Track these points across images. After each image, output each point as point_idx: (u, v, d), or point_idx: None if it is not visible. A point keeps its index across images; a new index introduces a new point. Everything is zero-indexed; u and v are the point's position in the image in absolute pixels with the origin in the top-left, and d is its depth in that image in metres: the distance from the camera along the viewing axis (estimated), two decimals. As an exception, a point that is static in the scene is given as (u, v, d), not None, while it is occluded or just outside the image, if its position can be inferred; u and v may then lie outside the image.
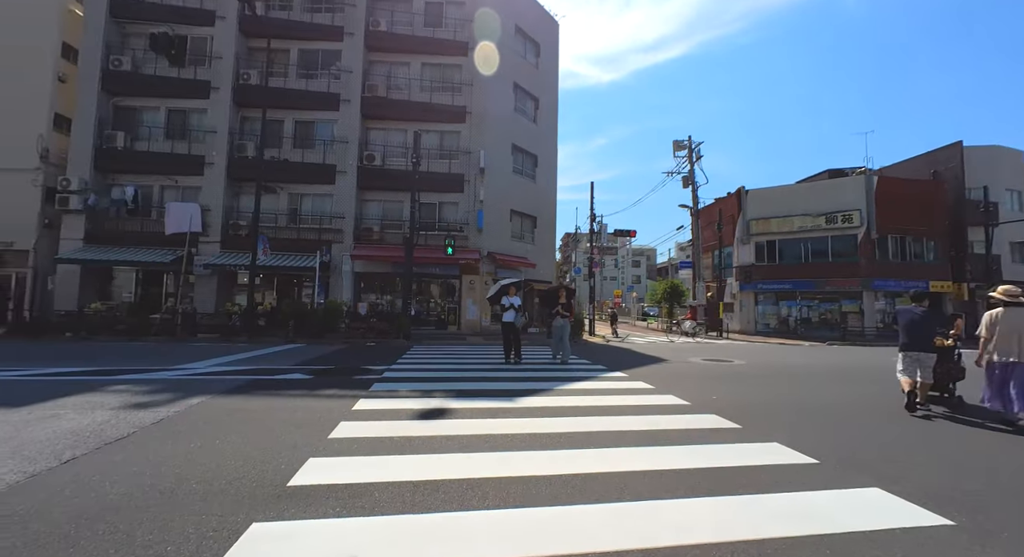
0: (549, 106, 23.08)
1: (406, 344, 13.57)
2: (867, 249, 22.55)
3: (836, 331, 22.70)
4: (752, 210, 25.74)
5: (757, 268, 25.11)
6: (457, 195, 18.74)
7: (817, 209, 23.69)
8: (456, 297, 18.86)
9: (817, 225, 23.63)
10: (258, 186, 14.08)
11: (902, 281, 22.61)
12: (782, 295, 24.80)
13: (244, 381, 6.43)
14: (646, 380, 7.25)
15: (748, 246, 25.84)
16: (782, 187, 25.62)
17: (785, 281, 24.28)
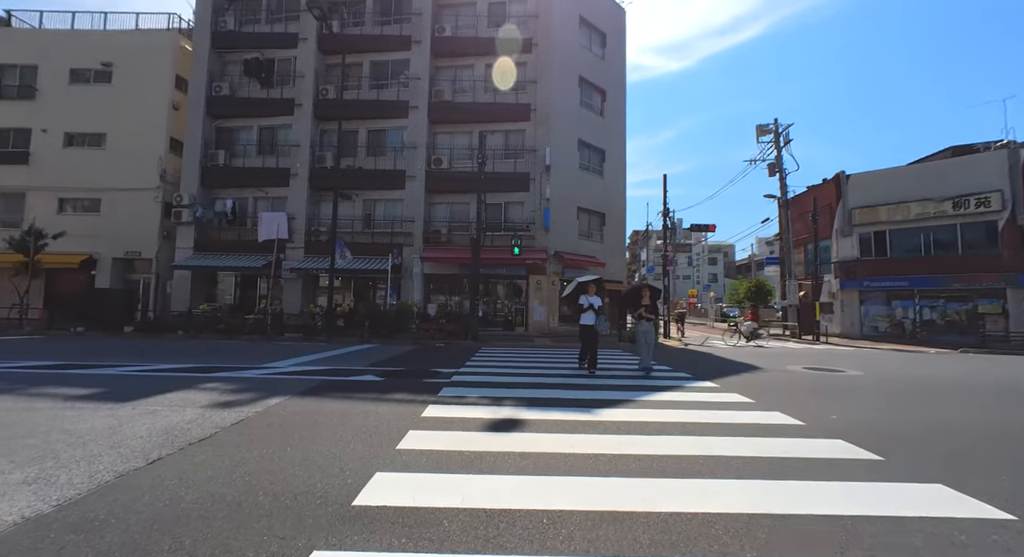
0: (616, 98, 22.07)
1: (474, 345, 13.50)
2: (1011, 238, 18.81)
3: (970, 336, 19.20)
4: (854, 197, 22.66)
5: (862, 263, 22.06)
6: (523, 194, 18.48)
7: (941, 193, 20.23)
8: (523, 298, 18.59)
9: (942, 211, 20.17)
10: (335, 194, 14.84)
11: (1061, 276, 18.57)
12: (896, 294, 21.52)
13: (320, 382, 6.56)
14: (742, 392, 6.34)
15: (850, 238, 22.77)
16: (893, 170, 22.23)
17: (899, 278, 21.03)
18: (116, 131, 19.16)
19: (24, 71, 19.81)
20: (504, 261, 17.33)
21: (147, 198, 18.65)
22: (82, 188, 19.12)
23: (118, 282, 18.93)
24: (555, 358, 10.56)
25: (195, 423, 4.24)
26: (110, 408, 4.75)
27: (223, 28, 19.59)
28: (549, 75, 18.70)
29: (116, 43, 19.69)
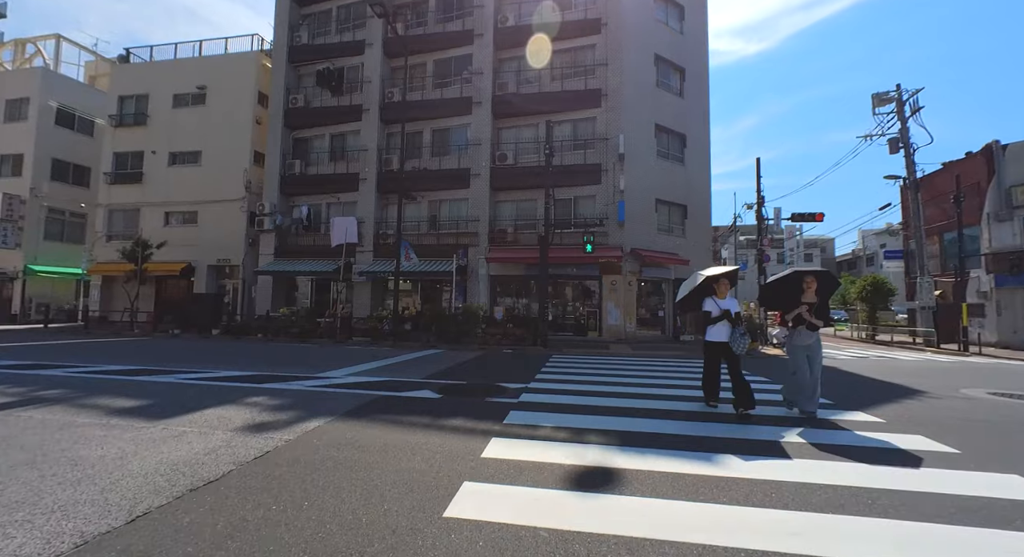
0: (697, 76, 19.75)
1: (544, 353, 12.33)
2: None
3: None
4: (1014, 172, 18.19)
5: (1012, 255, 17.58)
6: (594, 188, 16.99)
7: None
8: (596, 300, 17.06)
9: None
10: (400, 196, 14.49)
11: None
12: (1080, 292, 16.84)
13: (370, 398, 5.76)
14: (928, 434, 4.49)
15: (1009, 224, 18.31)
16: (1073, 134, 17.48)
17: (1086, 271, 16.41)
18: (210, 147, 20.74)
19: (139, 100, 22.21)
20: (575, 259, 15.98)
21: (235, 208, 19.92)
22: (183, 201, 20.93)
23: (212, 287, 20.42)
24: (639, 369, 9.03)
25: (213, 455, 3.51)
26: (139, 427, 4.23)
27: (298, 42, 20.44)
28: (620, 55, 17.04)
29: (208, 67, 21.38)
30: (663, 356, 12.12)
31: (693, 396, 6.15)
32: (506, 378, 7.64)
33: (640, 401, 5.85)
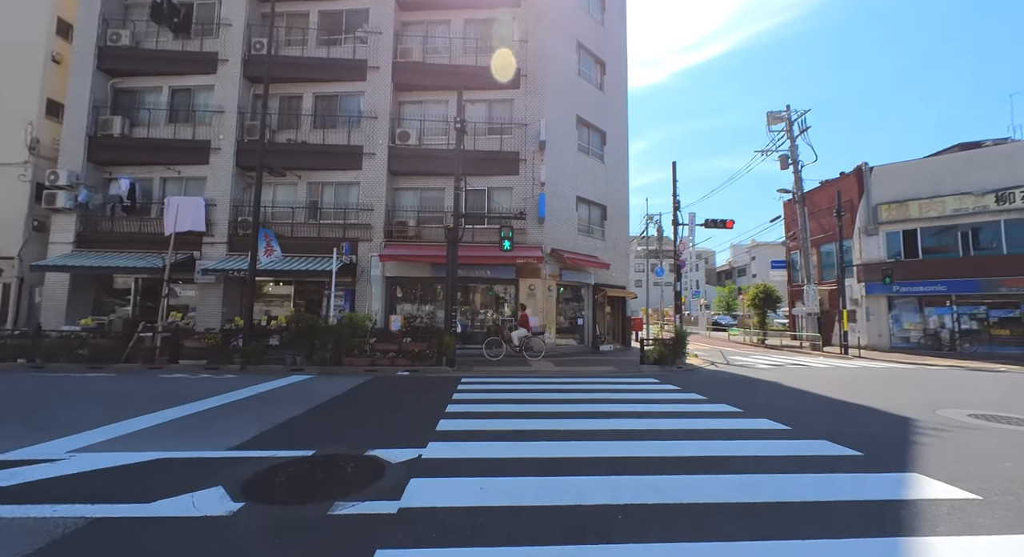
0: (617, 73, 18.90)
1: (450, 375, 9.71)
2: (1063, 236, 16.58)
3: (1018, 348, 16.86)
4: (880, 192, 20.22)
5: (890, 265, 19.52)
6: (511, 178, 14.88)
7: (981, 186, 17.92)
8: (513, 307, 14.87)
9: (982, 206, 17.84)
10: (259, 168, 10.78)
11: (1118, 279, 16.45)
12: (930, 300, 19.05)
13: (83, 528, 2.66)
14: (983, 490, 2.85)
15: (876, 237, 20.27)
16: (924, 160, 19.93)
17: (934, 281, 18.56)
18: (-31, 87, 14.43)
19: None
20: (489, 260, 13.66)
21: (10, 176, 13.99)
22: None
23: (-32, 289, 14.10)
24: (580, 397, 6.88)
25: None
26: None
27: (125, -39, 15.27)
28: (542, 34, 15.28)
29: (-23, -26, 15.01)
30: (595, 374, 10.26)
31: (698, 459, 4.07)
32: (389, 433, 4.90)
33: (621, 481, 3.56)
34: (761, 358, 15.88)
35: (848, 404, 6.89)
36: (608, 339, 17.86)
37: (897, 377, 10.64)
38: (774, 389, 8.42)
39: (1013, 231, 17.44)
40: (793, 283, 25.71)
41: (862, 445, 4.46)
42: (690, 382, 9.10)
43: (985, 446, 4.64)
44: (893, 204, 19.75)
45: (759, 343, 24.37)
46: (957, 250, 18.48)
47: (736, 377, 10.28)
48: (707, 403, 6.71)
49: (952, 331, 18.47)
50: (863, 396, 7.58)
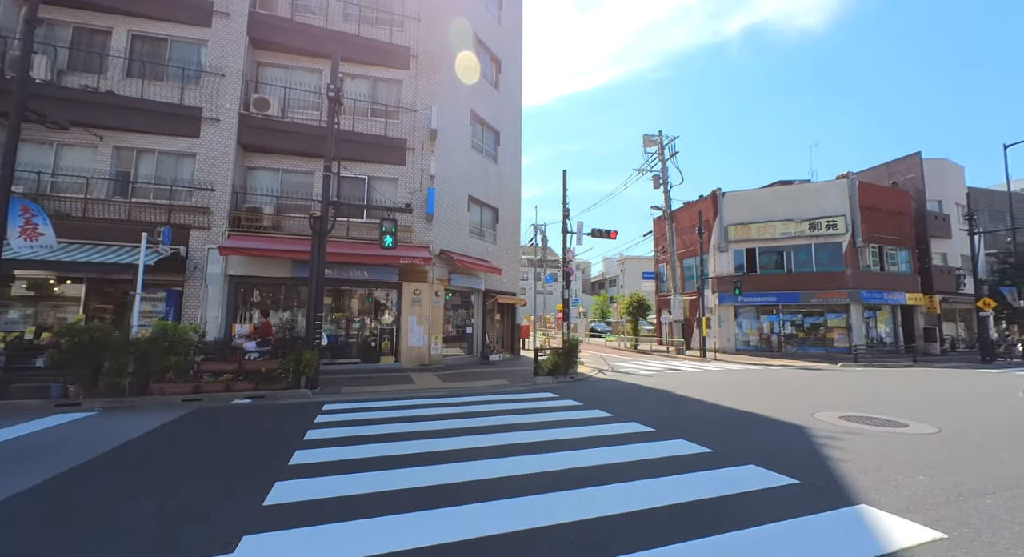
0: (512, 75, 18.47)
1: (310, 400, 7.69)
2: (852, 258, 20.81)
3: (820, 348, 20.64)
4: (730, 215, 23.22)
5: (736, 279, 22.46)
6: (396, 169, 13.15)
7: (800, 215, 21.67)
8: (393, 314, 13.05)
9: (801, 232, 21.56)
10: (15, 111, 7.36)
11: (883, 292, 21.19)
12: (764, 309, 22.32)
13: None
14: None
15: (726, 254, 23.19)
16: (762, 190, 23.46)
17: (767, 293, 21.81)
18: None
19: None
20: (367, 260, 11.73)
21: None
22: None
23: None
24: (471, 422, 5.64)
25: None
26: None
27: None
28: (437, 13, 13.98)
29: None
30: (488, 389, 9.14)
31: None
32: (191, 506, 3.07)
33: None
34: (640, 363, 16.59)
35: (746, 414, 6.87)
36: (497, 348, 17.05)
37: (759, 379, 11.64)
38: (670, 399, 8.27)
39: (820, 253, 21.38)
40: (660, 293, 28.28)
41: (790, 468, 4.06)
42: (589, 395, 8.55)
43: (884, 455, 4.64)
44: (739, 225, 22.83)
45: (632, 348, 26.11)
46: (783, 267, 22.02)
47: (628, 386, 10.12)
48: (615, 422, 6.06)
49: (779, 335, 21.89)
50: (752, 402, 7.77)
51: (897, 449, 4.84)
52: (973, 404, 7.81)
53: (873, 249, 21.62)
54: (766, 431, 5.64)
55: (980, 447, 4.92)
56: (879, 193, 22.32)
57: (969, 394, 8.98)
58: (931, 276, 23.07)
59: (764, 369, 14.86)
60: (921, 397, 8.59)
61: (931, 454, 4.67)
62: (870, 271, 21.25)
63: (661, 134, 23.71)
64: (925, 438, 5.33)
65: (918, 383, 10.97)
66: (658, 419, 6.21)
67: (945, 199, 24.63)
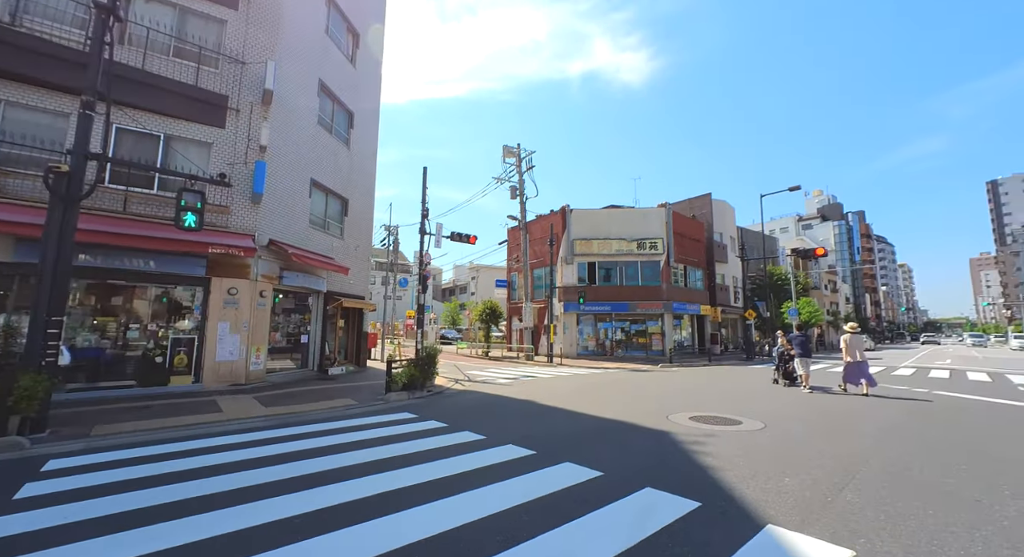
0: (372, 53, 16.60)
1: (25, 454, 4.91)
2: (667, 275, 24.62)
3: (641, 351, 23.81)
4: (576, 230, 25.21)
5: (580, 289, 24.42)
6: (211, 131, 10.16)
7: (631, 235, 24.77)
8: (196, 319, 9.91)
9: (631, 250, 24.63)
10: None
11: (686, 304, 25.61)
12: (600, 317, 24.73)
13: None
14: None
15: (572, 266, 25.05)
16: (602, 210, 26.11)
17: (604, 303, 24.24)
18: None
19: None
20: (158, 244, 8.61)
21: None
22: None
23: None
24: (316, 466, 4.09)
25: None
26: None
27: None
28: (281, -46, 11.48)
29: None
30: (326, 413, 7.36)
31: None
32: None
33: None
34: (495, 371, 16.32)
35: (614, 423, 6.78)
36: (340, 360, 14.74)
37: (606, 382, 12.34)
38: (537, 412, 7.85)
39: (644, 269, 24.76)
40: (512, 301, 29.09)
41: (684, 487, 3.80)
42: (452, 412, 7.58)
43: (745, 456, 4.84)
44: (584, 240, 24.95)
45: (484, 355, 26.04)
46: (617, 280, 24.82)
47: (491, 399, 9.49)
48: (492, 447, 5.23)
49: (612, 340, 24.50)
50: (613, 408, 7.86)
51: (750, 449, 5.17)
52: (769, 397, 9.41)
53: (680, 268, 26.06)
54: (640, 442, 5.53)
55: (802, 441, 5.60)
56: (685, 222, 27.11)
57: (757, 388, 10.94)
58: (715, 292, 28.97)
59: (604, 372, 16.10)
60: (730, 392, 10.08)
61: (775, 452, 5.08)
62: (678, 286, 25.49)
63: (520, 147, 24.44)
64: (760, 435, 5.90)
65: (720, 379, 13.10)
66: (535, 438, 5.62)
67: (724, 232, 31.36)
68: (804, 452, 5.04)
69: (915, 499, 3.63)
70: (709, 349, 25.89)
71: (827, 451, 5.12)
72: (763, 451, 5.09)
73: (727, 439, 5.63)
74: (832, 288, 54.30)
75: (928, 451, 5.21)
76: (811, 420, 6.95)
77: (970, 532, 3.06)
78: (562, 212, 25.68)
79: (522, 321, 24.23)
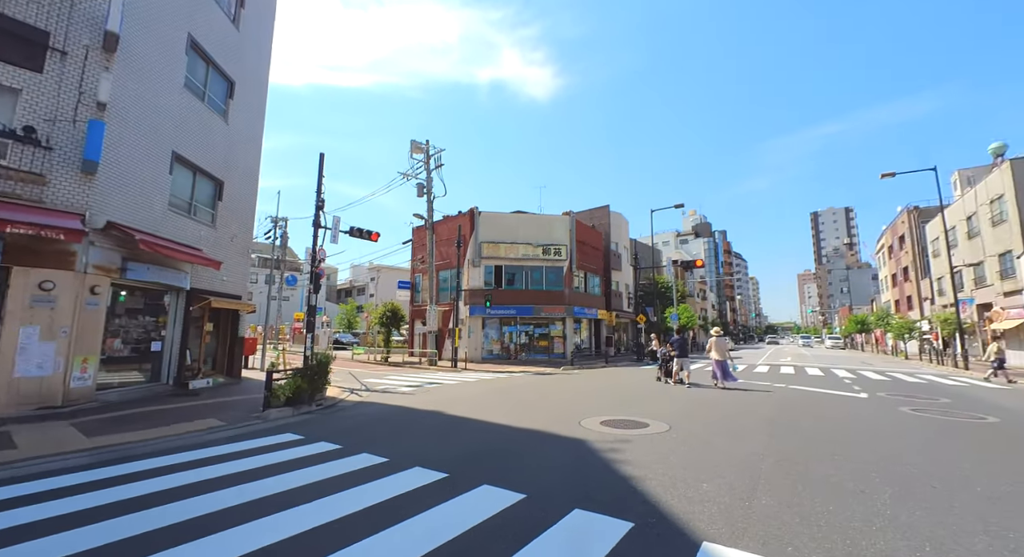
0: (260, 14, 14.47)
1: None
2: (569, 280, 25.58)
3: (543, 355, 24.38)
4: (485, 232, 24.96)
5: (487, 292, 24.18)
6: (19, 73, 7.73)
7: (537, 240, 25.26)
8: (-18, 323, 7.36)
9: (537, 255, 25.10)
10: None
11: (585, 308, 26.88)
12: (506, 320, 24.74)
13: None
14: None
15: (479, 269, 24.71)
16: (511, 214, 26.20)
17: (510, 306, 24.31)
18: None
19: None
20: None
21: None
22: None
23: None
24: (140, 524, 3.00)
25: None
26: None
27: None
28: None
29: None
30: (179, 443, 5.87)
31: None
32: None
33: None
34: (397, 378, 15.21)
35: (529, 433, 6.44)
36: (206, 371, 12.39)
37: (514, 386, 12.10)
38: (447, 424, 7.22)
39: (549, 274, 25.42)
40: (415, 303, 27.79)
41: (612, 505, 3.55)
42: (348, 430, 6.61)
43: (661, 462, 4.81)
44: (492, 243, 24.79)
45: (383, 360, 24.36)
46: (522, 284, 25.08)
47: (394, 411, 8.59)
48: (396, 472, 4.50)
49: (516, 344, 24.66)
50: (524, 415, 7.55)
51: (663, 454, 5.19)
52: (663, 396, 9.98)
53: (581, 274, 27.30)
54: (559, 455, 5.25)
55: (705, 441, 5.83)
56: (587, 231, 28.53)
57: (650, 386, 11.63)
58: (611, 298, 30.96)
59: (511, 376, 15.97)
60: (629, 392, 10.52)
61: (686, 456, 5.17)
62: (579, 292, 26.65)
63: (429, 143, 23.49)
64: (668, 438, 6.04)
65: (618, 379, 13.74)
66: (447, 457, 5.02)
67: (619, 242, 33.75)
68: (709, 454, 5.20)
69: (816, 496, 3.83)
70: (605, 351, 27.47)
71: (727, 450, 5.36)
72: (675, 455, 5.15)
73: (640, 444, 5.63)
74: (703, 296, 62.01)
75: (805, 442, 5.76)
76: (705, 419, 7.40)
77: (868, 525, 3.24)
78: (471, 214, 25.25)
79: (426, 324, 23.20)
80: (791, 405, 9.00)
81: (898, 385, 12.92)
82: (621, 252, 33.51)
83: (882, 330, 41.58)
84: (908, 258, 39.29)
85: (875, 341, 47.24)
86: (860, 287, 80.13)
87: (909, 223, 38.73)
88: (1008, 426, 7.07)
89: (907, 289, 40.08)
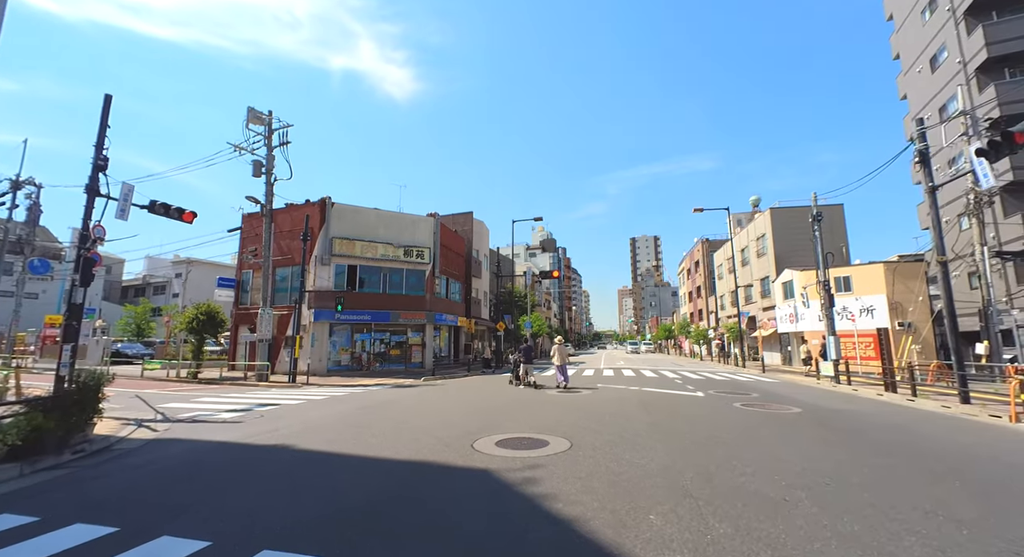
0: None
1: None
2: (431, 285, 24.30)
3: (401, 364, 22.58)
4: (337, 227, 21.98)
5: (337, 295, 21.22)
6: None
7: (399, 240, 23.38)
8: None
9: (397, 256, 23.19)
10: None
11: (446, 315, 25.91)
12: (358, 327, 22.10)
13: None
14: None
15: (328, 267, 21.59)
16: (369, 209, 23.65)
17: (364, 311, 21.82)
18: None
19: None
20: None
21: None
22: None
23: None
24: None
25: None
26: None
27: None
28: None
29: None
30: None
31: None
32: None
33: None
34: (213, 401, 11.81)
35: (418, 467, 5.13)
36: None
37: (375, 404, 10.33)
38: (302, 467, 5.38)
39: (410, 277, 23.71)
40: (242, 305, 22.85)
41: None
42: (125, 497, 4.30)
43: (589, 491, 4.15)
44: (345, 240, 21.95)
45: (192, 377, 19.14)
46: (380, 287, 22.82)
47: (212, 451, 6.20)
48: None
49: (370, 353, 22.19)
50: (406, 445, 6.17)
51: (583, 479, 4.57)
52: (539, 406, 9.66)
53: (443, 279, 26.27)
54: (467, 499, 4.14)
55: (616, 458, 5.45)
56: (451, 236, 27.70)
57: (516, 394, 11.32)
58: (471, 305, 30.65)
59: (367, 391, 14.00)
60: (503, 402, 9.98)
61: (607, 478, 4.66)
62: (441, 297, 25.55)
63: (272, 115, 19.70)
64: (577, 457, 5.50)
65: (488, 390, 13.15)
66: (307, 531, 3.45)
67: (480, 249, 33.86)
68: (628, 473, 4.79)
69: (759, 514, 3.62)
70: (467, 360, 26.89)
71: (641, 464, 5.07)
72: (595, 478, 4.58)
73: (553, 469, 4.93)
74: (548, 306, 67.15)
75: (698, 448, 5.88)
76: (595, 429, 7.19)
77: (810, 543, 3.08)
78: (321, 204, 21.98)
79: (256, 331, 19.07)
80: (655, 407, 9.58)
81: (713, 383, 15.34)
82: (482, 259, 33.64)
83: (684, 336, 50.84)
84: (701, 279, 49.15)
85: (678, 346, 57.75)
86: (664, 301, 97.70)
87: (702, 251, 48.54)
88: (809, 414, 8.67)
89: (699, 304, 50.04)
